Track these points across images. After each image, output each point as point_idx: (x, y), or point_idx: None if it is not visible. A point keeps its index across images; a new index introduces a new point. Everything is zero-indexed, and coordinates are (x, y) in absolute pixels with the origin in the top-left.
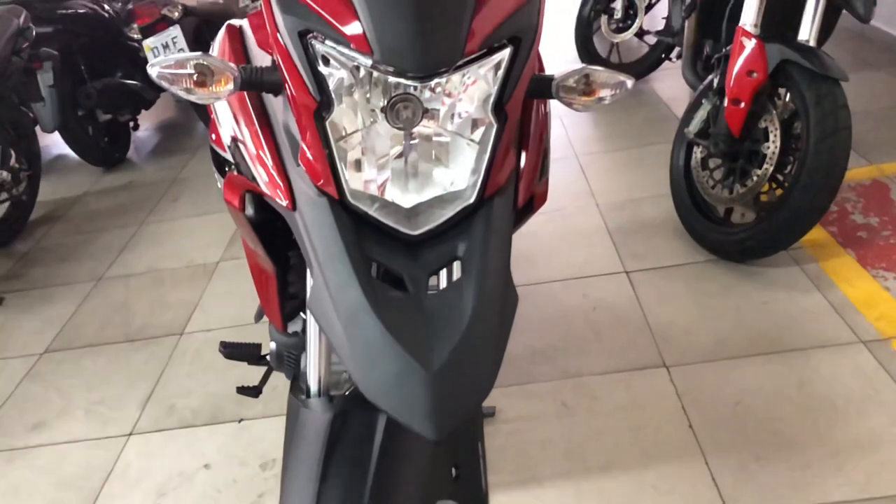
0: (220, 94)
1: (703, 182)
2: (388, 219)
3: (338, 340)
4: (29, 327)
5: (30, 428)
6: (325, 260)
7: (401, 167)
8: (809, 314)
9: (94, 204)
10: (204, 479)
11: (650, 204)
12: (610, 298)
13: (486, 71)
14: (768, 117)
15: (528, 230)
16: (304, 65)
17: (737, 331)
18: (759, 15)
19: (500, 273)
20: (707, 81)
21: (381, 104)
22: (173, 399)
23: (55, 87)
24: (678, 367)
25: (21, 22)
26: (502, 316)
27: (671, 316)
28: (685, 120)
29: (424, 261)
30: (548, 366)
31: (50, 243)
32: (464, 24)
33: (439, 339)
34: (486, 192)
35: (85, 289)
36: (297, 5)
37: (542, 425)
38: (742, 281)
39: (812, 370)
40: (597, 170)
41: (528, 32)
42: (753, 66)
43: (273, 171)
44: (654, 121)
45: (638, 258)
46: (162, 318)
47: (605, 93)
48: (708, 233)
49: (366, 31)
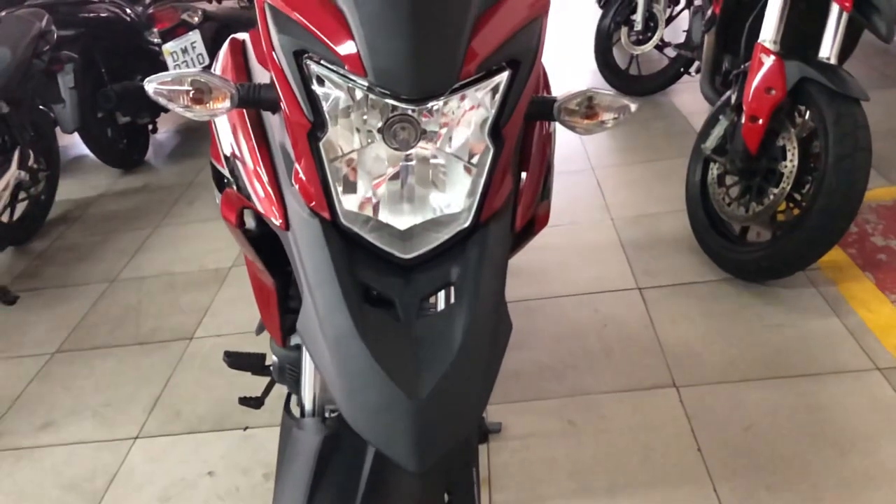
0: (217, 111)
1: (718, 199)
2: (382, 241)
3: (324, 365)
4: (42, 326)
5: (38, 427)
6: (315, 283)
7: (396, 189)
8: (825, 338)
9: (111, 205)
10: (207, 486)
11: (665, 219)
12: (622, 315)
13: (484, 94)
14: (786, 135)
15: (541, 243)
16: (298, 85)
17: (749, 353)
18: (778, 31)
19: (494, 300)
20: (725, 97)
21: (378, 125)
22: (180, 404)
23: (76, 89)
24: (688, 387)
25: (43, 25)
26: (494, 345)
27: (683, 335)
28: (702, 136)
29: (417, 285)
30: (556, 382)
31: (66, 243)
32: (461, 46)
33: (427, 368)
34: (481, 217)
35: (98, 289)
36: (292, 24)
37: (548, 443)
38: (756, 301)
39: (826, 396)
40: (613, 183)
41: (527, 55)
42: (772, 84)
43: (268, 190)
44: (672, 134)
45: (651, 275)
46: (172, 321)
47: (608, 116)
48: (723, 251)
49: (360, 53)
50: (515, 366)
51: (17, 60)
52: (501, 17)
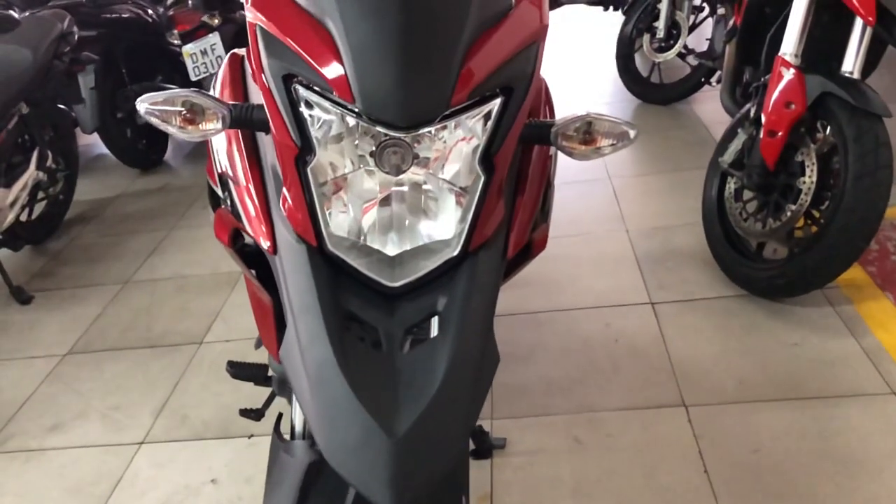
0: (209, 132)
1: (735, 214)
2: (369, 269)
3: (303, 396)
4: (55, 327)
5: (47, 429)
6: (298, 310)
7: (386, 214)
8: (840, 360)
9: (129, 206)
10: (209, 494)
11: (682, 232)
12: (633, 330)
13: (475, 122)
14: (805, 151)
15: (554, 254)
16: (286, 109)
17: (762, 372)
18: (799, 44)
19: (480, 332)
20: (744, 110)
21: (370, 149)
22: (187, 409)
23: (96, 90)
24: (697, 406)
25: (65, 27)
26: (477, 379)
27: (694, 352)
28: (720, 149)
29: (402, 315)
30: (563, 398)
31: (82, 243)
32: (451, 74)
33: (407, 402)
34: (471, 245)
35: (112, 291)
36: (281, 47)
37: (552, 461)
38: (771, 319)
39: (839, 420)
40: (629, 193)
41: (521, 81)
42: (792, 98)
43: (257, 212)
44: (692, 144)
45: (665, 289)
46: (183, 325)
47: (606, 143)
48: (738, 267)
49: (348, 79)
50: (522, 380)
51: (38, 62)
52: (496, 42)
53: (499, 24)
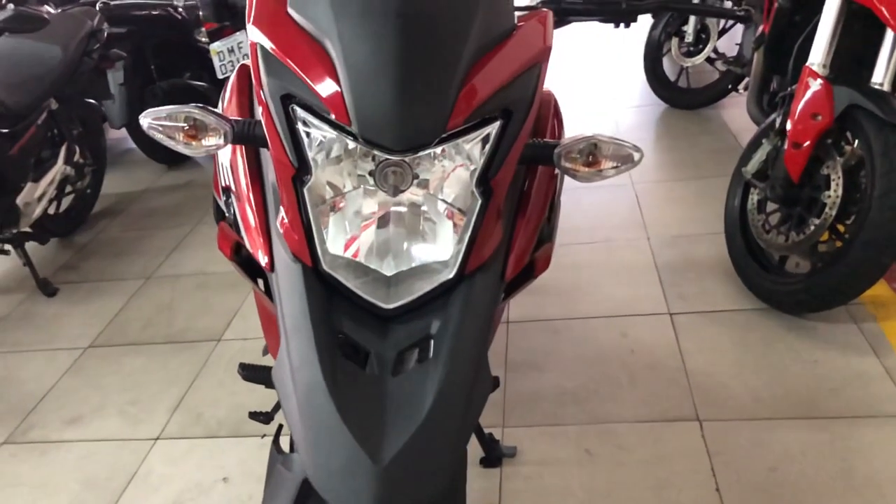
0: (211, 148)
1: (757, 226)
2: (364, 290)
3: (292, 418)
4: (78, 320)
5: (66, 422)
6: (291, 330)
7: (383, 234)
8: (862, 379)
9: (154, 201)
10: (220, 493)
11: (704, 242)
12: (650, 341)
13: (473, 145)
14: (831, 164)
15: (573, 261)
16: (284, 129)
17: (779, 389)
18: (828, 54)
19: (473, 357)
20: (769, 120)
21: (369, 168)
22: (202, 407)
23: (125, 86)
24: (712, 422)
25: (94, 24)
26: (468, 406)
27: (711, 366)
28: (744, 158)
29: (395, 337)
30: (576, 408)
31: (108, 237)
32: (449, 98)
33: (395, 428)
34: (467, 268)
35: (134, 286)
36: (280, 67)
37: (562, 472)
38: (791, 335)
39: (858, 442)
40: (652, 200)
41: (521, 105)
42: (818, 109)
43: (257, 229)
44: (718, 151)
45: (684, 299)
46: (203, 322)
47: (610, 165)
48: (760, 280)
49: (346, 102)
50: (536, 388)
51: (67, 58)
52: (496, 65)
53: (500, 46)
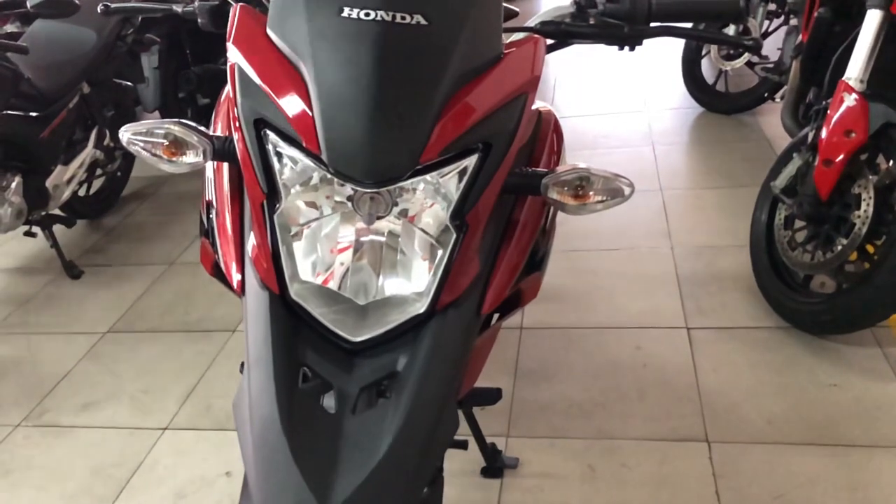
0: (192, 164)
1: (783, 242)
2: (332, 321)
3: (246, 451)
4: (99, 304)
5: (79, 407)
6: (253, 361)
7: (356, 263)
8: (881, 407)
9: (183, 185)
10: (223, 487)
11: (729, 254)
12: (664, 355)
13: (448, 178)
14: (863, 183)
15: (592, 267)
16: (255, 154)
17: (793, 412)
18: (866, 70)
19: (438, 397)
20: (801, 134)
21: (348, 193)
22: (211, 398)
23: (159, 69)
24: (721, 444)
25: None
26: (426, 450)
27: (725, 385)
28: (773, 172)
29: (360, 373)
30: (582, 421)
31: (135, 221)
32: (424, 129)
33: (349, 470)
34: (440, 302)
35: (157, 271)
36: (255, 89)
37: (563, 488)
38: (811, 356)
39: (873, 473)
40: (680, 207)
41: (501, 138)
42: (852, 126)
43: (232, 250)
44: (752, 160)
45: (703, 314)
46: (219, 311)
47: (598, 199)
48: (783, 298)
49: (317, 132)
50: (544, 398)
51: (101, 42)
52: (478, 95)
53: (484, 75)
